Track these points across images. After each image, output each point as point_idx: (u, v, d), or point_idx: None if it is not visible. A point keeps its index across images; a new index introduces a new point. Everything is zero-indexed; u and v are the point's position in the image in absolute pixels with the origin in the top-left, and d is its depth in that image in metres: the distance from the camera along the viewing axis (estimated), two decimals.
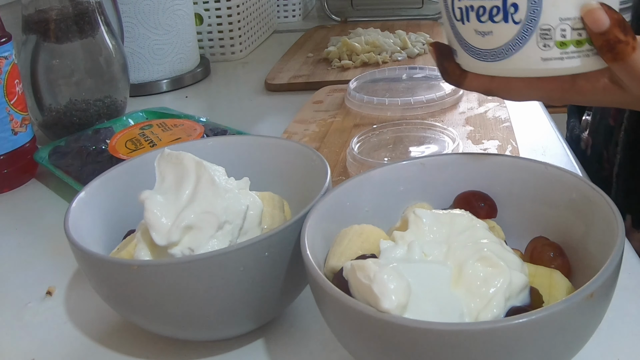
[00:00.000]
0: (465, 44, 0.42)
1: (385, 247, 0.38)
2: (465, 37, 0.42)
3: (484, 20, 0.40)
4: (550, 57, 0.39)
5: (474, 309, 0.35)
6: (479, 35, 0.41)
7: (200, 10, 1.14)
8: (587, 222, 0.40)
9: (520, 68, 0.40)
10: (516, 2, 0.38)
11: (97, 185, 0.49)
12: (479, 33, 0.41)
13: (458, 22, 0.42)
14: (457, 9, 0.41)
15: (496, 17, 0.39)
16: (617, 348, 0.42)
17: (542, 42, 0.39)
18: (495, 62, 0.41)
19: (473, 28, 0.41)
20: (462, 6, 0.41)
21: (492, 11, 0.39)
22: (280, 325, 0.46)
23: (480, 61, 0.41)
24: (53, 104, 0.80)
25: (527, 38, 0.39)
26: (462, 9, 0.41)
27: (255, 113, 0.92)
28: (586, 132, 0.79)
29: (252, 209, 0.44)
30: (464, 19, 0.41)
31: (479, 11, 0.40)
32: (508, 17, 0.39)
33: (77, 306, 0.51)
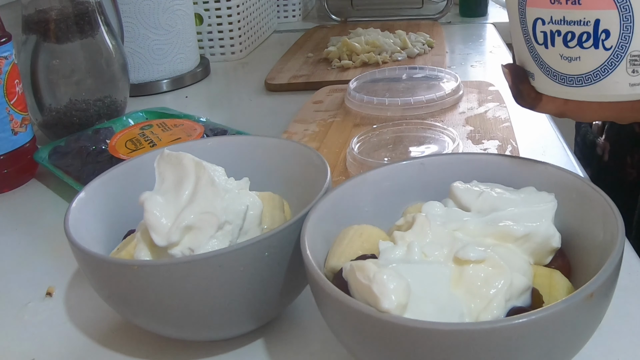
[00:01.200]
0: (547, 68, 0.41)
1: (384, 247, 0.38)
2: (548, 61, 0.41)
3: (571, 46, 0.39)
4: (638, 82, 0.38)
5: (474, 309, 0.35)
6: (564, 61, 0.39)
7: (200, 10, 1.14)
8: (587, 222, 0.40)
9: (606, 94, 0.39)
10: (608, 28, 0.37)
11: (97, 185, 0.49)
12: (565, 58, 0.39)
13: (540, 45, 0.40)
14: (540, 33, 0.40)
15: (585, 43, 0.38)
16: (617, 348, 0.42)
17: (632, 67, 0.38)
18: (580, 88, 0.40)
19: (558, 53, 0.40)
20: (547, 30, 0.39)
21: (582, 37, 0.38)
22: (280, 325, 0.46)
23: (563, 86, 0.40)
24: (53, 104, 0.80)
25: (617, 64, 0.38)
26: (547, 33, 0.40)
27: (255, 113, 0.92)
28: (602, 137, 0.79)
29: (252, 209, 0.44)
30: (548, 43, 0.40)
31: (567, 36, 0.39)
32: (599, 44, 0.38)
33: (77, 306, 0.51)
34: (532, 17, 0.40)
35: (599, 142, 0.79)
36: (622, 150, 0.74)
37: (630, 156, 0.72)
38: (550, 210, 0.41)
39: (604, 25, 0.37)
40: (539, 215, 0.40)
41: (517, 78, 0.43)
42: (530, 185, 0.44)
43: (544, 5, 0.39)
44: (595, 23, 0.38)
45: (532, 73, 0.43)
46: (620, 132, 0.75)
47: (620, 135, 0.75)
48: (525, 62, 0.43)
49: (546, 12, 0.39)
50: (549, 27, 0.39)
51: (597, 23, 0.37)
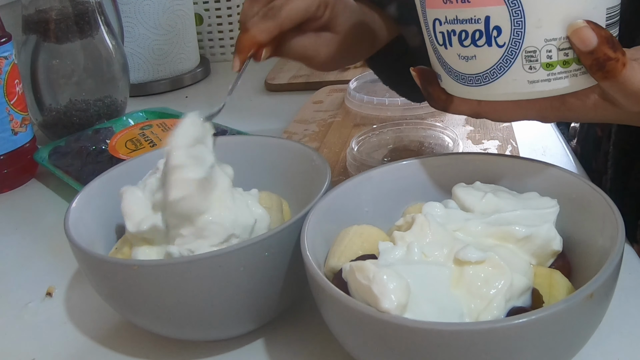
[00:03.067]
0: (449, 68, 0.41)
1: (384, 248, 0.38)
2: (449, 61, 0.40)
3: (466, 45, 0.38)
4: (537, 79, 0.37)
5: (474, 309, 0.35)
6: (462, 60, 0.39)
7: (200, 10, 1.14)
8: (587, 222, 0.40)
9: (506, 92, 0.39)
10: (499, 25, 0.37)
11: (97, 185, 0.49)
12: (463, 58, 0.39)
13: (441, 46, 0.40)
14: (439, 33, 0.40)
15: (479, 41, 0.38)
16: (617, 348, 0.42)
17: (528, 64, 0.37)
18: (481, 87, 0.39)
19: (456, 52, 0.39)
20: (444, 30, 0.39)
21: (475, 35, 0.38)
22: (280, 325, 0.46)
23: (465, 86, 0.40)
24: (53, 104, 0.80)
25: (512, 61, 0.37)
26: (444, 34, 0.40)
27: (255, 113, 0.92)
28: (574, 141, 0.79)
29: (260, 222, 0.44)
30: (447, 44, 0.40)
31: (461, 35, 0.38)
32: (491, 41, 0.37)
33: (77, 306, 0.51)
34: (432, 18, 0.40)
35: (572, 144, 0.79)
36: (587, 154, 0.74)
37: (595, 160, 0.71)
38: (552, 214, 0.41)
39: (494, 22, 0.37)
40: (540, 218, 0.40)
41: (425, 81, 0.43)
42: (530, 185, 0.44)
43: (439, 6, 0.39)
44: (485, 20, 0.37)
45: (439, 75, 0.42)
46: (587, 135, 0.75)
47: (586, 139, 0.75)
48: (433, 64, 0.43)
49: (441, 12, 0.39)
50: (445, 27, 0.39)
51: (487, 20, 0.37)
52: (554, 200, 0.42)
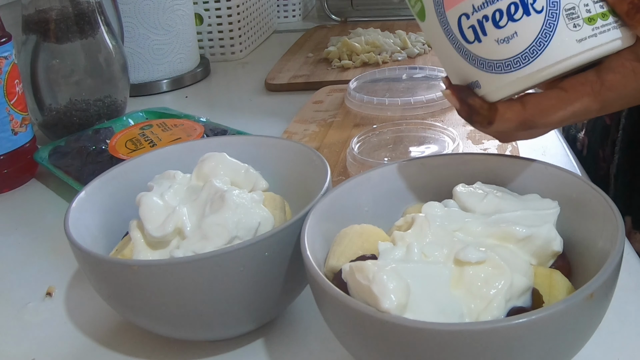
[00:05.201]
0: (489, 63, 0.38)
1: (384, 248, 0.38)
2: (486, 55, 0.38)
3: (503, 25, 0.37)
4: (584, 36, 0.36)
5: (474, 309, 0.35)
6: (502, 44, 0.37)
7: (200, 10, 1.14)
8: (587, 222, 0.40)
9: (557, 60, 0.36)
10: None
11: (97, 185, 0.49)
12: (502, 41, 0.37)
13: (472, 44, 0.38)
14: (468, 30, 0.38)
15: (516, 14, 0.36)
16: (617, 348, 0.42)
17: (571, 22, 0.36)
18: (530, 65, 0.37)
19: (493, 39, 0.37)
20: (474, 22, 0.37)
21: (510, 10, 0.36)
22: (280, 325, 0.46)
23: (511, 73, 0.37)
24: (53, 104, 0.80)
25: (555, 23, 0.36)
26: (475, 26, 0.37)
27: (255, 113, 0.92)
28: (582, 132, 0.79)
29: (264, 225, 0.44)
30: (479, 36, 0.38)
31: (495, 17, 0.37)
32: (529, 9, 0.36)
33: (77, 306, 0.51)
34: (455, 18, 0.38)
35: (579, 137, 0.79)
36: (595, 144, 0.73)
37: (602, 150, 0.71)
38: (553, 214, 0.41)
39: None
40: (541, 218, 0.40)
41: (462, 94, 0.40)
42: (530, 185, 0.44)
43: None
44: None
45: (475, 81, 0.40)
46: (595, 125, 0.75)
47: (594, 129, 0.75)
48: (465, 75, 0.40)
49: (466, 4, 0.37)
50: (475, 18, 0.37)
51: None
52: (555, 202, 0.42)
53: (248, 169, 0.49)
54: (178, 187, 0.47)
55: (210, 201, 0.44)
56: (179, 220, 0.43)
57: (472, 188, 0.43)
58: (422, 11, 0.41)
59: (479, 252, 0.36)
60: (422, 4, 0.41)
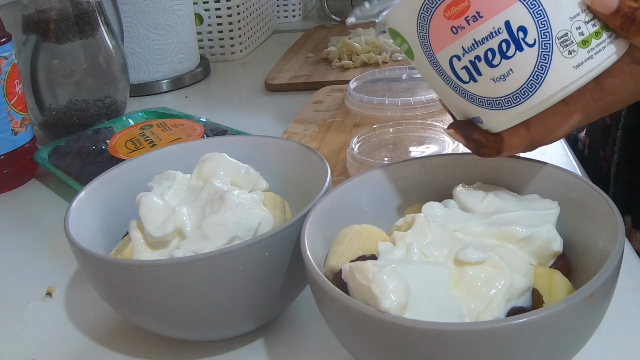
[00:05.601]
0: (488, 100, 0.37)
1: (383, 248, 0.38)
2: (484, 93, 0.37)
3: (497, 63, 0.36)
4: (581, 60, 0.35)
5: (474, 310, 0.35)
6: (499, 82, 0.36)
7: (200, 10, 1.14)
8: (587, 222, 0.40)
9: (557, 90, 0.36)
10: (521, 24, 0.35)
11: (97, 185, 0.49)
12: (499, 79, 0.36)
13: (468, 83, 0.37)
14: (462, 70, 0.37)
15: (509, 51, 0.35)
16: (617, 348, 0.42)
17: (566, 50, 0.35)
18: (530, 99, 0.36)
19: (489, 78, 0.36)
20: (466, 63, 0.37)
21: (502, 48, 0.35)
22: (280, 325, 0.46)
23: (513, 108, 0.37)
24: (53, 104, 0.80)
25: (550, 55, 0.35)
26: (468, 67, 0.37)
27: (255, 113, 0.92)
28: (583, 132, 0.79)
29: (264, 225, 0.44)
30: (474, 76, 0.37)
31: (487, 57, 0.36)
32: (521, 44, 0.35)
33: (77, 306, 0.51)
34: (446, 60, 0.37)
35: (580, 137, 0.79)
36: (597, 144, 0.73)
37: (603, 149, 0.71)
38: (553, 215, 0.41)
39: (516, 23, 0.35)
40: (541, 218, 0.40)
41: (466, 132, 0.40)
42: (530, 185, 0.44)
43: (449, 41, 0.36)
44: (506, 26, 0.35)
45: (476, 117, 0.39)
46: (596, 125, 0.75)
47: (595, 129, 0.75)
48: (465, 111, 0.40)
49: (455, 46, 0.36)
50: (467, 59, 0.36)
51: (508, 25, 0.35)
52: (555, 202, 0.42)
53: (248, 169, 0.49)
54: (178, 187, 0.47)
55: (210, 201, 0.44)
56: (179, 220, 0.43)
57: (472, 188, 0.43)
58: (409, 52, 0.40)
59: (479, 252, 0.36)
60: (409, 46, 0.39)
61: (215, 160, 0.48)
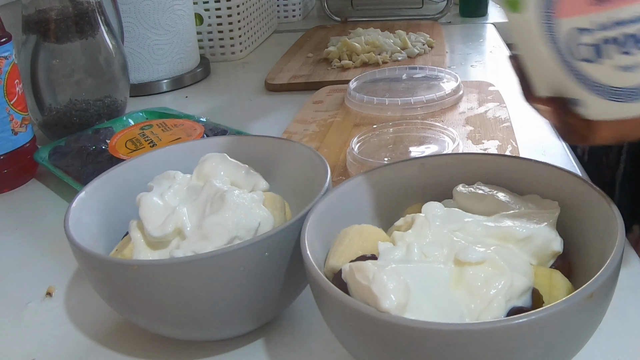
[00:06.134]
0: (600, 87, 0.34)
1: (383, 248, 0.38)
2: (600, 78, 0.33)
3: (632, 52, 0.32)
4: None
5: (474, 310, 0.35)
6: (623, 72, 0.33)
7: (200, 10, 1.14)
8: (587, 222, 0.40)
9: None
10: None
11: (97, 185, 0.49)
12: (623, 69, 0.32)
13: (585, 62, 0.33)
14: (584, 47, 0.33)
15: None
16: (617, 348, 0.42)
17: None
18: None
19: (612, 65, 0.33)
20: (592, 41, 0.32)
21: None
22: (280, 325, 0.46)
23: (624, 103, 0.33)
24: (53, 104, 0.80)
25: None
26: (596, 45, 0.33)
27: (255, 113, 0.92)
28: None
29: (264, 225, 0.44)
30: (596, 57, 0.33)
31: (625, 41, 0.32)
32: None
33: (77, 306, 0.51)
34: (570, 30, 0.33)
35: None
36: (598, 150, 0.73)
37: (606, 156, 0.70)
38: (553, 215, 0.41)
39: None
40: (541, 218, 0.40)
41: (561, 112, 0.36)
42: (530, 185, 0.44)
43: (585, 10, 0.32)
44: None
45: (576, 99, 0.35)
46: None
47: None
48: (563, 89, 0.36)
49: (586, 19, 0.32)
50: (594, 36, 0.32)
51: None
52: (555, 203, 0.42)
53: (248, 170, 0.49)
54: (178, 187, 0.47)
55: (210, 201, 0.44)
56: (178, 221, 0.43)
57: (472, 188, 0.43)
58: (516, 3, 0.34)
59: (479, 252, 0.36)
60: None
61: (215, 161, 0.48)
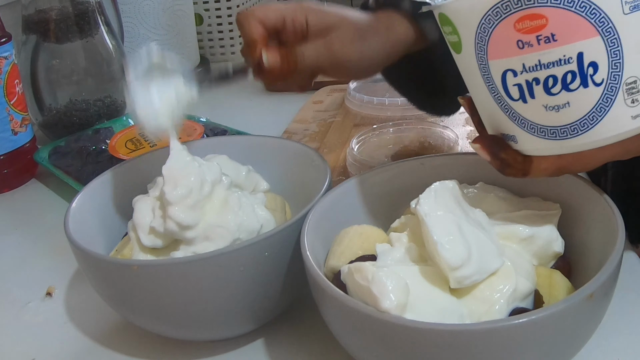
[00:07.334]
0: (531, 125, 0.35)
1: (382, 250, 0.38)
2: (530, 117, 0.34)
3: (556, 92, 0.33)
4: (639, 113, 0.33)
5: (475, 311, 0.35)
6: (550, 112, 0.34)
7: (200, 10, 1.14)
8: (587, 222, 0.40)
9: (608, 136, 0.33)
10: (594, 60, 0.32)
11: (97, 185, 0.49)
12: (551, 109, 0.33)
13: (517, 101, 0.34)
14: (514, 87, 0.34)
15: (572, 84, 0.32)
16: (617, 348, 0.42)
17: (630, 97, 0.32)
18: (578, 137, 0.34)
19: (541, 104, 0.34)
20: (522, 81, 0.33)
21: (566, 78, 0.32)
22: (280, 325, 0.46)
23: (554, 141, 0.34)
24: (53, 104, 0.80)
25: (613, 99, 0.32)
26: (522, 85, 0.34)
27: (255, 113, 0.92)
28: None
29: (266, 227, 0.44)
30: (525, 97, 0.34)
31: (547, 83, 0.33)
32: (587, 81, 0.32)
33: (77, 306, 0.51)
34: (500, 71, 0.34)
35: None
36: None
37: None
38: (555, 215, 0.41)
39: (589, 58, 0.32)
40: (543, 219, 0.40)
41: (494, 149, 0.37)
42: (530, 185, 0.44)
43: (511, 54, 0.33)
44: (578, 58, 0.32)
45: (512, 136, 0.36)
46: None
47: None
48: (500, 125, 0.37)
49: (516, 61, 0.33)
50: (524, 77, 0.33)
51: (580, 57, 0.32)
52: (556, 205, 0.42)
53: (249, 171, 0.49)
54: None
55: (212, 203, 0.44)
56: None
57: (474, 188, 0.43)
58: (457, 45, 0.36)
59: None
60: (459, 39, 0.36)
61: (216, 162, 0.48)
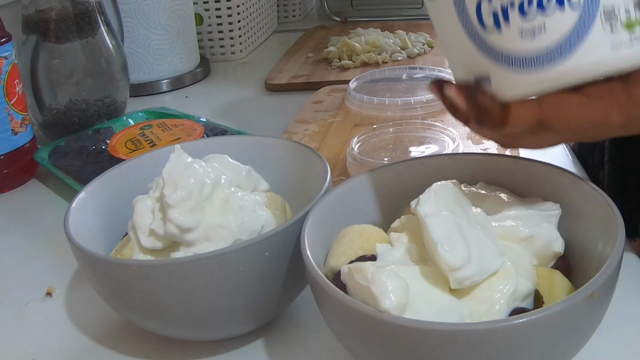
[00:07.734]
0: (506, 56, 0.33)
1: (382, 250, 0.38)
2: (505, 46, 0.33)
3: (531, 15, 0.32)
4: (620, 41, 0.31)
5: (475, 312, 0.35)
6: (526, 37, 0.32)
7: (200, 10, 1.14)
8: (588, 223, 0.40)
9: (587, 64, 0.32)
10: None
11: (97, 185, 0.49)
12: (527, 33, 0.32)
13: (489, 32, 0.33)
14: (487, 15, 0.33)
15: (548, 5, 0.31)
16: (617, 348, 0.42)
17: (608, 24, 0.31)
18: (555, 66, 0.32)
19: (516, 29, 0.32)
20: (496, 7, 0.32)
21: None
22: (280, 325, 0.46)
23: (531, 72, 0.33)
24: (53, 104, 0.80)
25: (591, 22, 0.31)
26: (497, 12, 0.33)
27: (255, 113, 0.92)
28: None
29: (267, 228, 0.44)
30: (500, 23, 0.33)
31: (523, 4, 0.32)
32: (564, 1, 0.31)
33: (77, 306, 0.51)
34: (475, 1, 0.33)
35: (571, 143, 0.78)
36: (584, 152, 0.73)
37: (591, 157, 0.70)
38: (555, 215, 0.41)
39: None
40: (543, 218, 0.40)
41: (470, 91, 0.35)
42: (530, 185, 0.44)
43: None
44: None
45: (485, 76, 0.35)
46: None
47: None
48: (473, 66, 0.35)
49: None
50: (499, 2, 0.32)
51: None
52: (557, 205, 0.42)
53: (249, 171, 0.49)
54: None
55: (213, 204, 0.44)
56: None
57: (474, 189, 0.43)
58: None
59: None
60: None
61: (217, 162, 0.48)
